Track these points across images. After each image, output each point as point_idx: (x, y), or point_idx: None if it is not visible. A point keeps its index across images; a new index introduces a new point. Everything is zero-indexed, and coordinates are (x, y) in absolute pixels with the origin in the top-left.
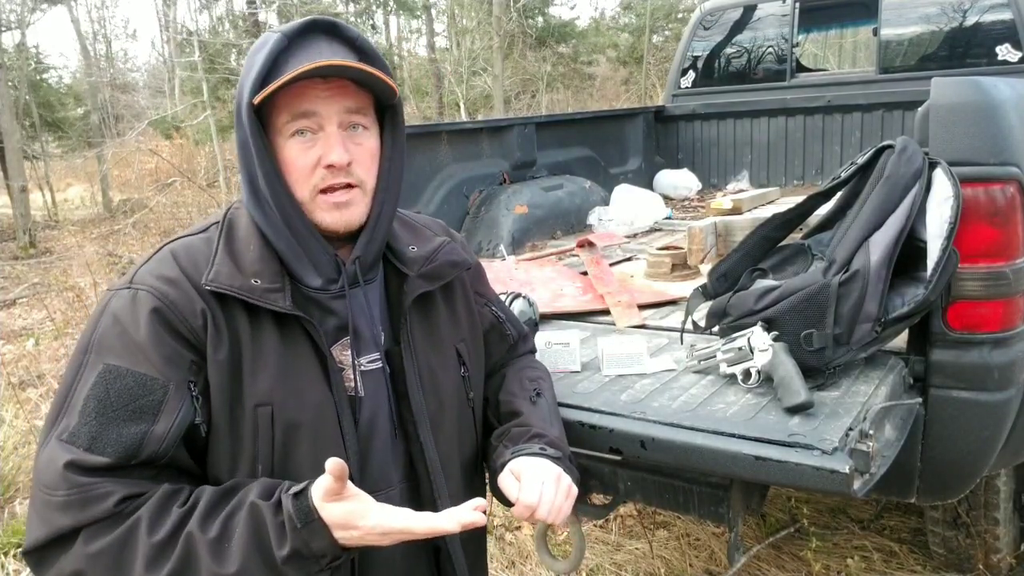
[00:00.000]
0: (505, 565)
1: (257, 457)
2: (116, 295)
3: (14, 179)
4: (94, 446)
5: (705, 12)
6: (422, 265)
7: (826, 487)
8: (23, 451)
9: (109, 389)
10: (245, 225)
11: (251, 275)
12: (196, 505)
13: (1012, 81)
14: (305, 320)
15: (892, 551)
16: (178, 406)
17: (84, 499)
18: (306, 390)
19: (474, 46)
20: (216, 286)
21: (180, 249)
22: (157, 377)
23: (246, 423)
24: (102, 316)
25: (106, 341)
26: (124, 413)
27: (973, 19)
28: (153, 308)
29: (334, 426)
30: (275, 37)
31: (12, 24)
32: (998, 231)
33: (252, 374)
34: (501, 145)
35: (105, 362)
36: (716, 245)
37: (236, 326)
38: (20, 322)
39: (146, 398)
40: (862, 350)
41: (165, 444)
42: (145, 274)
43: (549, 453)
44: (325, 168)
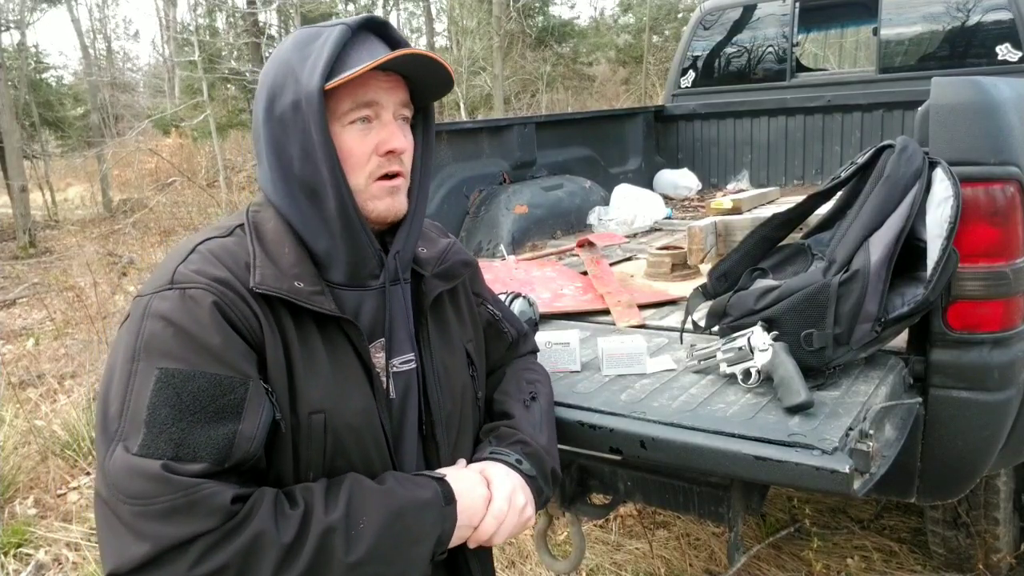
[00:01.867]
0: (505, 565)
1: (309, 465)
2: (157, 297)
3: (14, 179)
4: (182, 452)
5: (705, 12)
6: (436, 265)
7: (826, 487)
8: (23, 451)
9: (180, 393)
10: (273, 228)
11: (293, 277)
12: (312, 502)
13: (1012, 81)
14: (347, 322)
15: (892, 551)
16: (260, 402)
17: (193, 501)
18: (353, 395)
19: (474, 46)
20: (267, 288)
21: (218, 249)
22: (233, 376)
23: (301, 430)
24: (144, 320)
25: (158, 345)
26: (205, 415)
27: (973, 19)
28: (214, 303)
29: (378, 430)
30: (339, 29)
31: (12, 24)
32: (998, 231)
33: (304, 378)
34: (501, 145)
35: (161, 367)
36: (716, 245)
37: (283, 329)
38: (20, 322)
39: (225, 397)
40: (862, 350)
41: (255, 443)
42: (190, 273)
43: (524, 469)
44: (383, 155)
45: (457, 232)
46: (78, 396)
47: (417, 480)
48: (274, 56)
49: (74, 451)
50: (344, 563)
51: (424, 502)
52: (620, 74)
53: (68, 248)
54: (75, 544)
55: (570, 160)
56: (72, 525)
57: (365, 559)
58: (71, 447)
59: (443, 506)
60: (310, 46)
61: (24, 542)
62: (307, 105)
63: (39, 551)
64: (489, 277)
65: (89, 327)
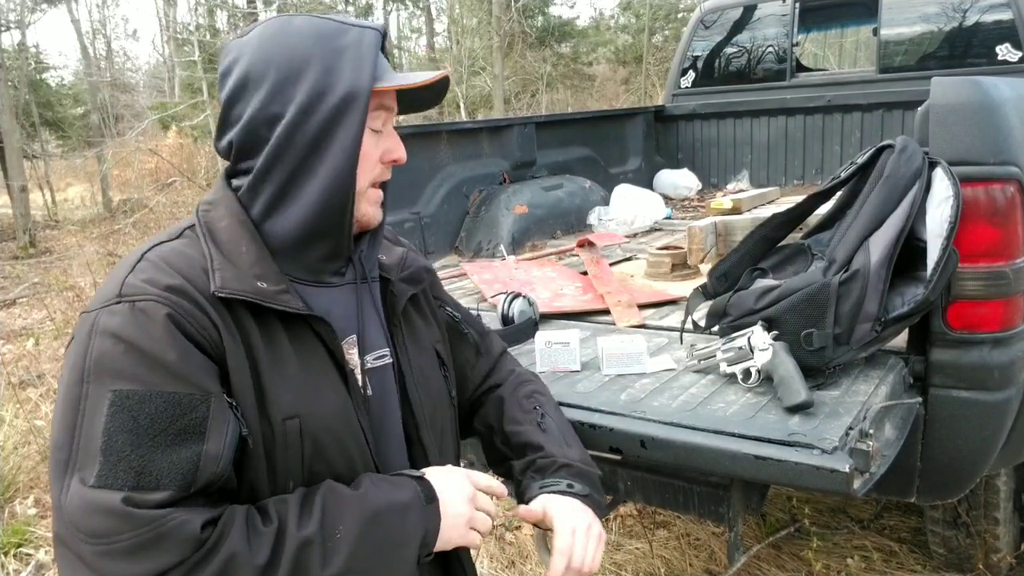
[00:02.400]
0: (505, 565)
1: (288, 473)
2: (104, 312)
3: (14, 179)
4: (143, 481)
5: (705, 12)
6: (399, 271)
7: (826, 486)
8: (23, 451)
9: (136, 417)
10: (228, 226)
11: (254, 277)
12: (285, 517)
13: (1012, 81)
14: (316, 320)
15: (892, 551)
16: (225, 419)
17: (160, 535)
18: (327, 395)
19: (474, 45)
20: (229, 292)
21: (170, 255)
22: (192, 392)
23: (276, 438)
24: (92, 338)
25: (108, 365)
26: (166, 439)
27: (973, 19)
28: (168, 315)
29: (357, 430)
30: (373, 33)
31: (12, 24)
32: (998, 231)
33: (273, 383)
34: (501, 145)
35: (114, 389)
36: (716, 245)
37: (248, 333)
38: (20, 322)
39: (187, 417)
40: (862, 350)
41: (222, 463)
42: (138, 283)
43: (577, 491)
44: (387, 163)
45: (457, 232)
46: None
47: (395, 481)
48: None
49: None
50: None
51: (403, 503)
52: (620, 74)
53: (68, 248)
54: None
55: (570, 160)
56: None
57: (345, 570)
58: None
59: (424, 505)
60: (338, 40)
61: (24, 542)
62: (349, 103)
63: (39, 551)
64: (489, 277)
65: None
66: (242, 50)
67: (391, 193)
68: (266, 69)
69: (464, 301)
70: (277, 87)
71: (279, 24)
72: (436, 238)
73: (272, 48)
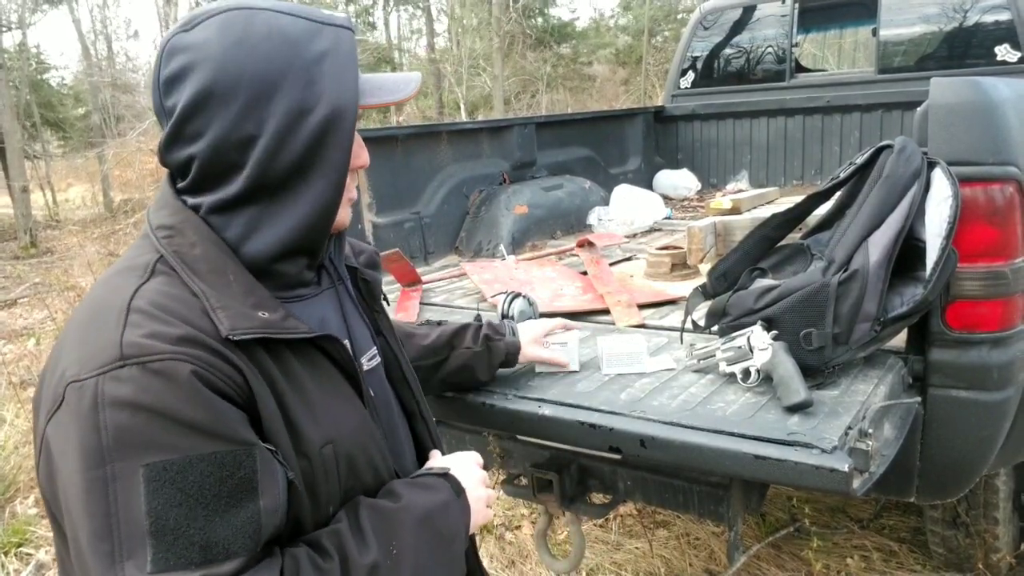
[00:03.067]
0: (505, 564)
1: (329, 499)
2: (108, 380)
3: (15, 179)
4: (212, 555)
5: (704, 12)
6: (356, 257)
7: (825, 486)
8: (24, 450)
9: (182, 489)
10: (202, 255)
11: (253, 308)
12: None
13: (1011, 81)
14: (326, 339)
15: (892, 550)
16: (273, 468)
17: None
18: (349, 412)
19: (474, 45)
20: (241, 333)
21: (160, 300)
22: (235, 449)
23: (315, 470)
24: (100, 413)
25: (132, 439)
26: (220, 504)
27: (972, 19)
28: (192, 372)
29: (377, 436)
30: (348, 35)
31: (13, 24)
32: (997, 231)
33: (302, 416)
34: (501, 145)
35: (145, 463)
36: (715, 245)
37: (267, 370)
38: (21, 322)
39: (235, 476)
40: (861, 349)
41: (280, 515)
42: (142, 341)
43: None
44: (358, 167)
45: (457, 232)
46: None
47: (425, 483)
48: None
49: None
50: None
51: (444, 503)
52: (620, 74)
53: (69, 248)
54: None
55: (570, 160)
56: None
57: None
58: None
59: (456, 499)
60: (313, 46)
61: (25, 541)
62: (334, 122)
63: (40, 551)
64: (489, 277)
65: None
66: (198, 53)
67: (392, 193)
68: (235, 84)
69: (464, 301)
70: (249, 105)
71: (241, 26)
72: (436, 238)
73: (239, 58)
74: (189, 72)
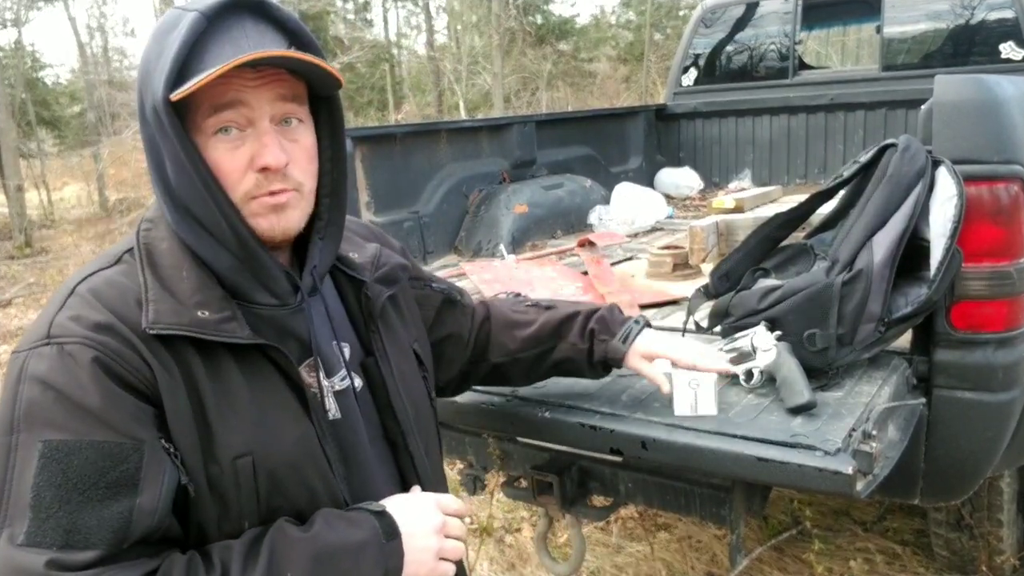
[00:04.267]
0: (505, 567)
1: (242, 513)
2: (33, 355)
3: (10, 178)
4: (72, 540)
5: (707, 9)
6: (374, 270)
7: (829, 488)
8: None
9: (65, 471)
10: (168, 249)
11: (194, 306)
12: (229, 564)
13: (1015, 79)
14: (271, 348)
15: (895, 553)
16: (160, 468)
17: None
18: (286, 427)
19: (474, 43)
20: (163, 328)
21: (100, 287)
22: (123, 441)
23: (225, 479)
24: (20, 385)
25: (37, 413)
26: (96, 492)
27: (976, 17)
28: (94, 359)
29: (320, 459)
30: (191, 16)
31: (8, 22)
32: (1002, 230)
33: (222, 421)
34: (501, 144)
35: (43, 439)
36: (718, 244)
37: (189, 369)
38: (16, 322)
39: (118, 469)
40: (865, 350)
41: (158, 516)
42: (66, 323)
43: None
44: (259, 172)
45: (457, 232)
46: None
47: (351, 517)
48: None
49: None
50: None
51: (359, 543)
52: (621, 72)
53: (64, 248)
54: None
55: (570, 159)
56: None
57: None
58: None
59: (383, 543)
60: (164, 39)
61: None
62: (162, 116)
63: None
64: (489, 277)
65: None
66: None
67: (390, 192)
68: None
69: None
70: (139, 105)
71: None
72: (435, 238)
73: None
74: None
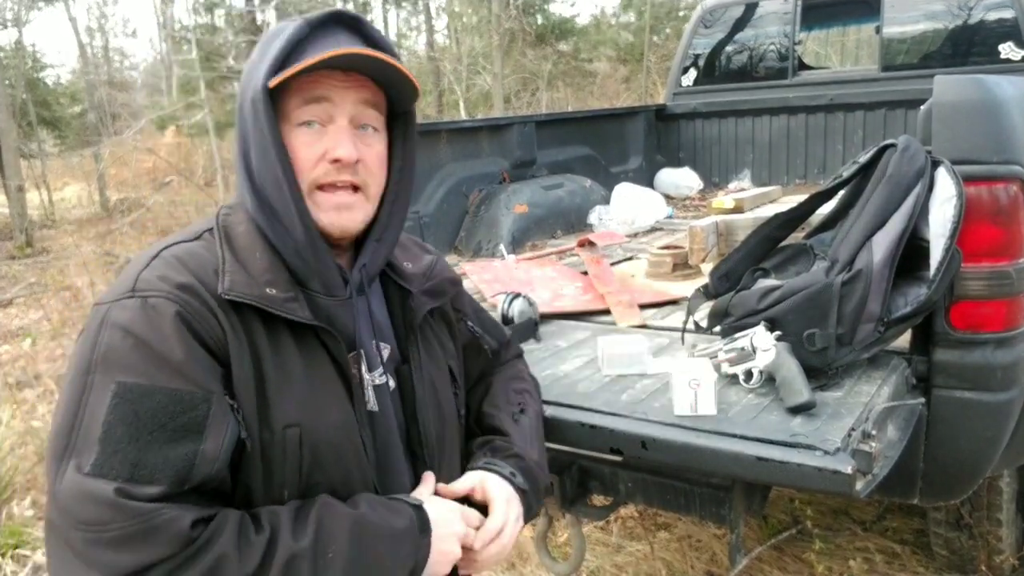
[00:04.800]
0: (505, 567)
1: (285, 482)
2: (116, 307)
3: (11, 178)
4: (137, 474)
5: (706, 10)
6: (423, 282)
7: (828, 488)
8: (19, 452)
9: (136, 411)
10: (244, 232)
11: (264, 284)
12: (279, 528)
13: (1015, 79)
14: (325, 331)
15: (895, 552)
16: (224, 421)
17: (149, 528)
18: (331, 408)
19: (474, 43)
20: (237, 295)
21: (184, 254)
22: (195, 391)
23: (275, 445)
24: (102, 331)
25: (116, 358)
26: (164, 434)
27: (976, 17)
28: (177, 313)
29: (358, 445)
30: (295, 24)
31: (9, 22)
32: (1001, 230)
33: (277, 391)
34: (501, 144)
35: (119, 380)
36: (718, 244)
37: (254, 338)
38: (17, 322)
39: (187, 415)
40: (865, 350)
41: (218, 464)
42: (152, 279)
43: (517, 483)
44: (330, 162)
45: (457, 232)
46: None
47: (392, 505)
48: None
49: None
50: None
51: (399, 531)
52: (621, 72)
53: (65, 248)
54: None
55: (570, 159)
56: None
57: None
58: None
59: (418, 536)
60: (270, 43)
61: (21, 543)
62: (255, 103)
63: (36, 552)
64: (489, 277)
65: None
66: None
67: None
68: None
69: None
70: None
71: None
72: (436, 237)
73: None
74: None
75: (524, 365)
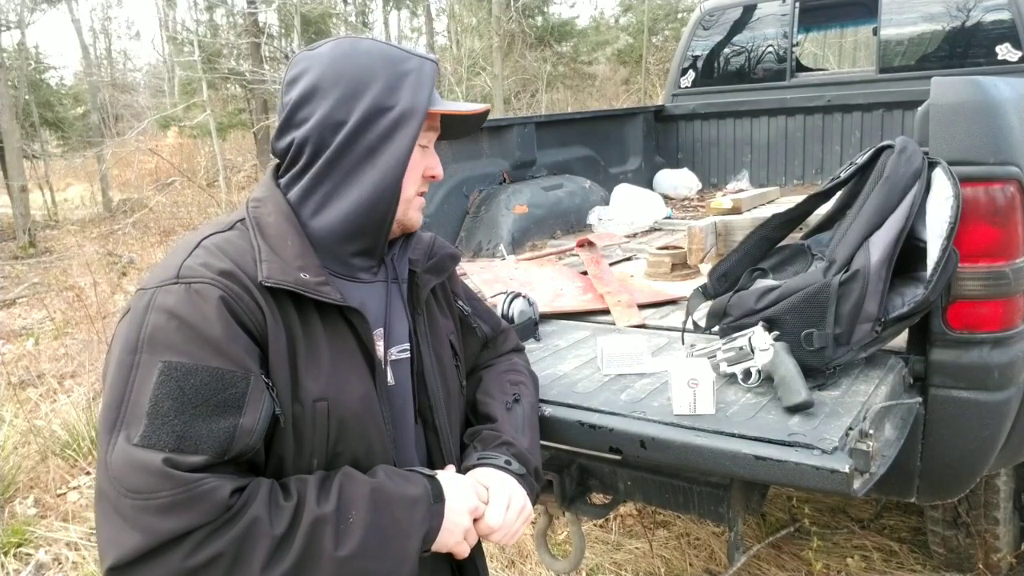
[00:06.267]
0: (505, 564)
1: (313, 452)
2: (160, 291)
3: (14, 179)
4: (183, 445)
5: (705, 12)
6: (426, 259)
7: (826, 486)
8: (23, 451)
9: (182, 387)
10: (275, 222)
11: (297, 269)
12: (305, 494)
13: (1012, 81)
14: (352, 312)
15: (892, 550)
16: (261, 397)
17: (193, 496)
18: (355, 383)
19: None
20: (274, 282)
21: (223, 244)
22: (235, 370)
23: (305, 418)
24: (148, 314)
25: (162, 338)
26: (207, 408)
27: (973, 19)
28: (220, 298)
29: (378, 417)
30: (431, 65)
31: (12, 24)
32: (998, 231)
33: (308, 368)
34: (501, 145)
35: (164, 360)
36: (716, 245)
37: (288, 320)
38: (20, 322)
39: (227, 391)
40: (862, 350)
41: (255, 437)
42: (195, 266)
43: (513, 468)
44: (429, 177)
45: (457, 232)
46: (78, 396)
47: (408, 476)
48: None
49: (74, 451)
50: (334, 556)
51: (414, 498)
52: (620, 73)
53: (68, 248)
54: (75, 544)
55: (570, 160)
56: (72, 525)
57: (355, 553)
58: (71, 447)
59: (431, 503)
60: (402, 65)
61: (24, 542)
62: (406, 119)
63: (39, 551)
64: (489, 277)
65: (89, 327)
66: (312, 62)
67: None
68: (336, 80)
69: None
70: (345, 97)
71: (349, 44)
72: None
73: (343, 63)
74: (302, 75)
75: (524, 360)
